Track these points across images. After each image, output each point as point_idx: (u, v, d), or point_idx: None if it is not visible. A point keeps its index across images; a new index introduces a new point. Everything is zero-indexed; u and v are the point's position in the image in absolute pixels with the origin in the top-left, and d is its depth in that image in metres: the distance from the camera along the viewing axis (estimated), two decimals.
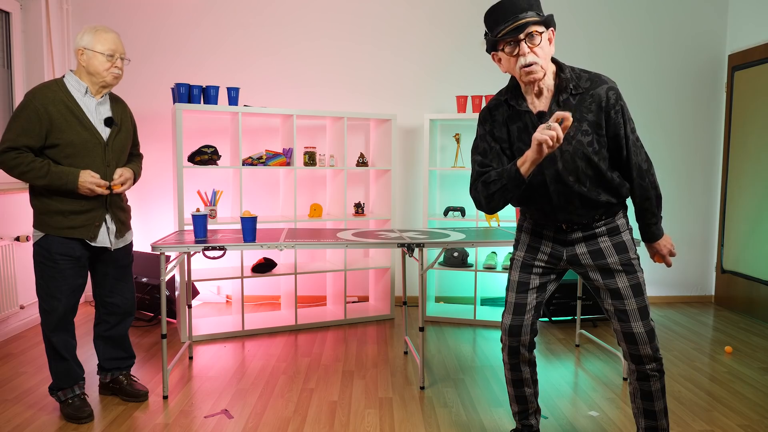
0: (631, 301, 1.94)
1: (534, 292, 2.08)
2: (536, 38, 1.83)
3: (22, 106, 2.42)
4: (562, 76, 1.90)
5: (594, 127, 1.88)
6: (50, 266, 2.49)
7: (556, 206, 1.95)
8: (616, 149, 1.93)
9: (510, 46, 1.85)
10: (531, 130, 1.91)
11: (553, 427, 2.53)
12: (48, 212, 2.48)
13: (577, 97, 1.89)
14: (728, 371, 3.23)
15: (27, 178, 2.42)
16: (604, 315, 4.20)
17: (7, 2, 4.00)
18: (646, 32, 4.74)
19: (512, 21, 1.81)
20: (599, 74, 1.92)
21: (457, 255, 4.23)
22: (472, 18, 4.67)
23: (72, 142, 2.45)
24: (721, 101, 4.80)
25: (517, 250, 2.14)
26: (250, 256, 4.57)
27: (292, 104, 4.65)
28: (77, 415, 2.53)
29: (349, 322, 4.16)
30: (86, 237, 2.53)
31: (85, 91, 2.51)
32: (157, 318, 4.11)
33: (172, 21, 4.56)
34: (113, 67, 2.51)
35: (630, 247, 1.99)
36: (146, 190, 4.62)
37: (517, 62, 1.85)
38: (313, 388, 2.94)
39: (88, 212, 2.52)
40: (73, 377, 2.60)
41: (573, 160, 1.89)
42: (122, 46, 2.56)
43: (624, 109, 1.90)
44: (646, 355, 1.94)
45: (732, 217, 4.60)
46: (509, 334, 2.08)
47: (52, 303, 2.51)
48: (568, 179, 1.90)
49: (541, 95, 1.92)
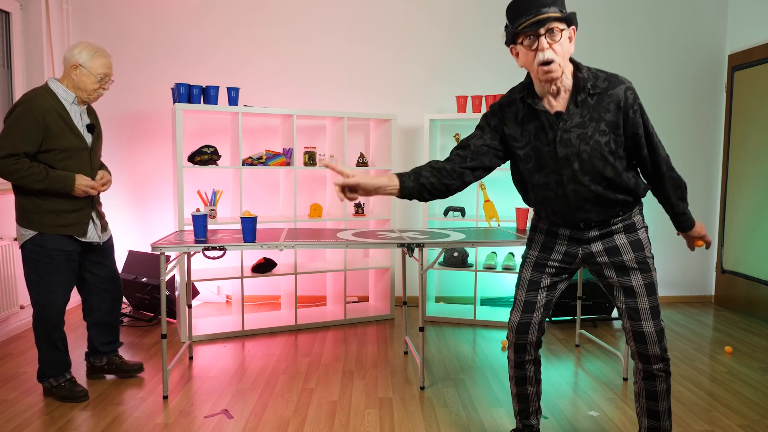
0: (644, 299, 1.94)
1: (545, 291, 2.07)
2: (557, 34, 1.80)
3: (20, 114, 2.57)
4: (580, 75, 1.87)
5: (612, 127, 1.87)
6: (46, 262, 2.66)
7: (573, 206, 1.94)
8: (635, 148, 1.92)
9: (529, 39, 1.81)
10: (548, 131, 1.90)
11: (553, 427, 2.53)
12: (40, 212, 2.64)
13: (595, 97, 1.87)
14: (728, 371, 3.23)
15: (25, 182, 2.56)
16: (606, 315, 4.23)
17: (7, 2, 4.00)
18: (646, 32, 4.74)
19: (534, 14, 1.78)
20: (616, 74, 1.90)
21: (457, 255, 4.23)
22: (472, 18, 4.67)
23: (65, 147, 2.64)
24: (721, 101, 4.80)
25: (530, 249, 2.12)
26: (250, 256, 4.57)
27: (292, 104, 4.65)
28: (74, 396, 2.73)
29: (349, 322, 4.16)
30: (78, 234, 2.72)
31: (72, 100, 2.71)
32: (157, 318, 4.11)
33: (172, 21, 4.56)
34: (101, 88, 2.75)
35: (646, 246, 1.98)
36: (146, 190, 4.62)
37: (536, 57, 1.82)
38: (313, 388, 2.94)
39: (78, 211, 2.72)
40: (65, 365, 2.80)
41: (590, 161, 1.87)
42: (112, 69, 2.79)
43: (642, 108, 1.90)
44: (654, 354, 1.93)
45: (732, 217, 4.60)
46: (517, 331, 2.07)
47: (50, 297, 2.68)
48: (584, 179, 1.89)
49: (558, 95, 1.89)
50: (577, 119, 1.87)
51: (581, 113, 1.87)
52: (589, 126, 1.86)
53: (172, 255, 3.24)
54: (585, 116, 1.87)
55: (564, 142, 1.88)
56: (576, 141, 1.87)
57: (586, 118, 1.87)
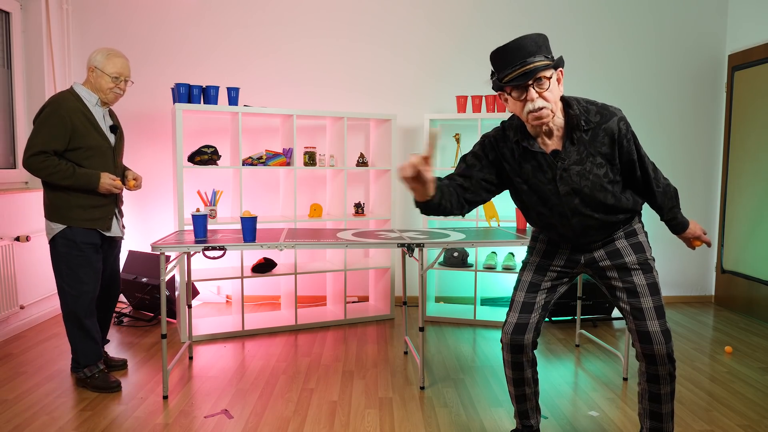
0: (648, 299, 1.94)
1: (544, 293, 2.08)
2: (545, 83, 1.77)
3: (48, 114, 2.72)
4: (571, 112, 1.86)
5: (608, 159, 1.89)
6: (77, 254, 2.81)
7: (578, 233, 1.98)
8: (629, 172, 1.96)
9: (517, 90, 1.80)
10: (546, 169, 1.91)
11: (553, 427, 2.53)
12: (69, 207, 2.79)
13: (589, 132, 1.87)
14: (728, 371, 3.23)
15: (54, 178, 2.72)
16: (606, 315, 4.23)
17: (7, 2, 4.00)
18: (647, 32, 4.74)
19: (519, 65, 1.75)
20: (605, 105, 1.90)
21: (457, 255, 4.23)
22: (472, 18, 4.67)
23: (90, 146, 2.80)
24: (721, 101, 4.80)
25: (532, 255, 2.14)
26: (250, 256, 4.57)
27: (292, 104, 4.65)
28: (108, 386, 2.86)
29: (349, 322, 4.16)
30: (103, 228, 2.88)
31: (96, 102, 2.87)
32: (157, 318, 4.11)
33: (172, 21, 4.56)
34: (116, 87, 2.87)
35: (647, 248, 2.01)
36: (146, 190, 4.62)
37: (525, 107, 1.81)
38: (313, 388, 2.94)
39: (103, 206, 2.88)
40: (98, 354, 2.93)
41: (592, 194, 1.90)
42: (128, 70, 2.91)
43: (634, 135, 1.92)
44: (660, 355, 1.92)
45: (732, 217, 4.60)
46: (513, 332, 2.06)
47: (82, 288, 2.83)
48: (587, 211, 1.93)
49: (551, 135, 1.89)
50: (575, 156, 1.88)
51: (578, 150, 1.88)
52: (586, 162, 1.87)
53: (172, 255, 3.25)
54: (582, 153, 1.88)
55: (564, 180, 1.90)
56: (576, 178, 1.89)
57: (583, 154, 1.88)
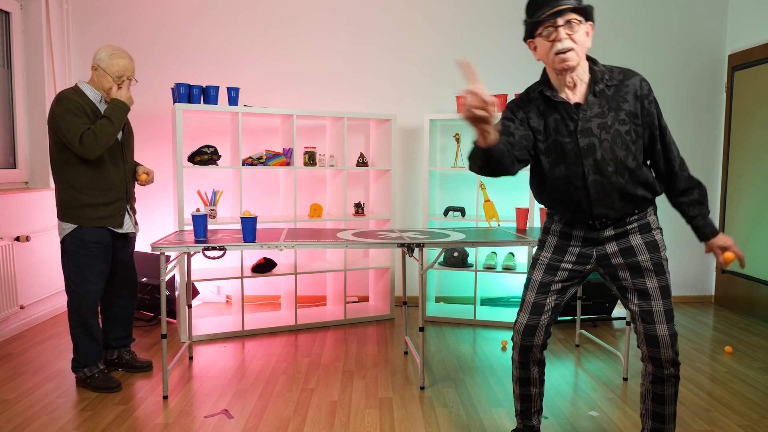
0: (659, 302, 1.92)
1: (554, 294, 2.04)
2: (575, 26, 1.85)
3: (62, 107, 2.72)
4: (596, 68, 1.93)
5: (631, 117, 1.90)
6: (85, 253, 2.81)
7: (594, 199, 1.92)
8: (649, 141, 1.95)
9: (548, 30, 1.87)
10: (569, 122, 1.92)
11: (553, 427, 2.53)
12: (80, 206, 2.80)
13: (612, 88, 1.92)
14: (728, 371, 3.23)
15: (108, 137, 2.74)
16: (606, 315, 4.23)
17: (7, 2, 4.00)
18: (646, 32, 4.74)
19: (554, 5, 1.85)
20: (629, 68, 1.95)
21: (457, 255, 4.23)
22: (471, 18, 4.67)
23: None
24: (721, 101, 4.80)
25: (542, 251, 2.09)
26: (250, 256, 4.57)
27: (292, 104, 4.66)
28: (108, 386, 2.85)
29: (349, 322, 4.16)
30: (115, 225, 2.89)
31: (100, 100, 2.87)
32: (157, 318, 4.11)
33: (172, 21, 4.56)
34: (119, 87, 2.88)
35: (661, 247, 1.97)
36: (146, 190, 4.62)
37: (553, 47, 1.86)
38: (313, 388, 2.94)
39: (114, 203, 2.88)
40: (99, 355, 2.93)
41: (612, 149, 1.89)
42: (132, 70, 2.89)
43: (656, 101, 1.94)
44: (666, 359, 1.91)
45: (732, 217, 4.60)
46: (524, 333, 2.04)
47: (87, 287, 2.83)
48: (607, 169, 1.89)
49: (575, 87, 1.93)
50: (597, 109, 1.90)
51: (600, 103, 1.90)
52: (608, 115, 1.89)
53: (172, 255, 3.25)
54: (604, 106, 1.90)
55: (585, 131, 1.90)
56: (597, 130, 1.89)
57: (605, 108, 1.90)
